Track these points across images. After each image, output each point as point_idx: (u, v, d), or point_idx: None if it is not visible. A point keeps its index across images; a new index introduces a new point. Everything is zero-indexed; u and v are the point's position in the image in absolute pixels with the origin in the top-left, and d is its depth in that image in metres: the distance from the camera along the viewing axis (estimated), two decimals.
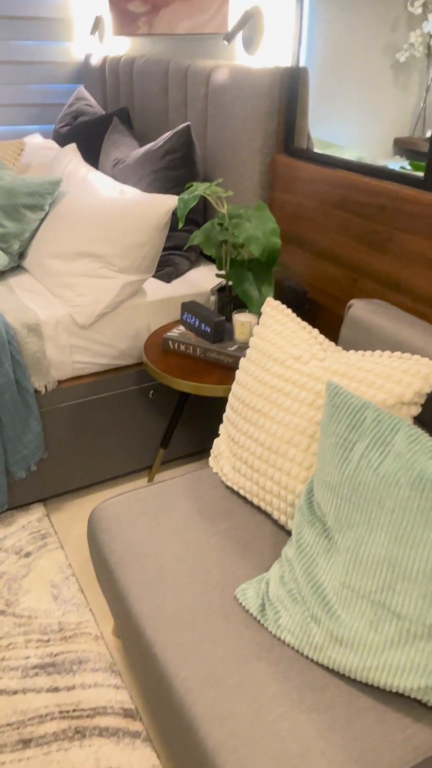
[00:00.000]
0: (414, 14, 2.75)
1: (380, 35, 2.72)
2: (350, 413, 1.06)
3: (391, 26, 2.69)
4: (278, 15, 1.77)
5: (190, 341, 1.58)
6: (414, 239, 1.37)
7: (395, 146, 3.17)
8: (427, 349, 1.21)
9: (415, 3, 2.77)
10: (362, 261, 1.53)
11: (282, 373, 1.25)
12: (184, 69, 2.06)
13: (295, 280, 1.80)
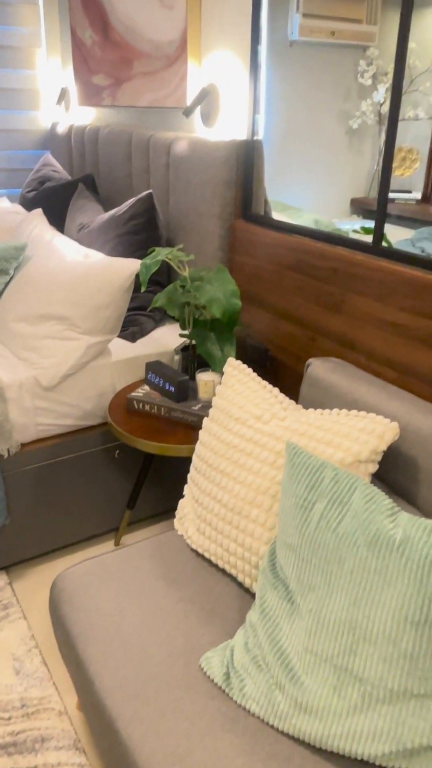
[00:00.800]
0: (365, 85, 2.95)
1: (334, 104, 2.92)
2: (309, 473, 1.09)
3: (343, 96, 2.90)
4: (233, 92, 1.90)
5: (154, 401, 1.61)
6: (365, 301, 1.44)
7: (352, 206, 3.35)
8: (381, 406, 1.26)
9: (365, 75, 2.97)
10: (319, 321, 1.60)
11: (244, 433, 1.28)
12: (147, 139, 2.17)
13: (256, 339, 1.86)
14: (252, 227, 1.81)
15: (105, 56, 2.47)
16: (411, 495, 1.19)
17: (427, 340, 1.30)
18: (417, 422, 1.19)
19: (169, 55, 2.08)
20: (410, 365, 1.35)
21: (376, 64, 3.11)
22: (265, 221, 1.81)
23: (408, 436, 1.20)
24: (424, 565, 0.88)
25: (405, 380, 1.37)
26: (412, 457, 1.18)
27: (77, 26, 2.67)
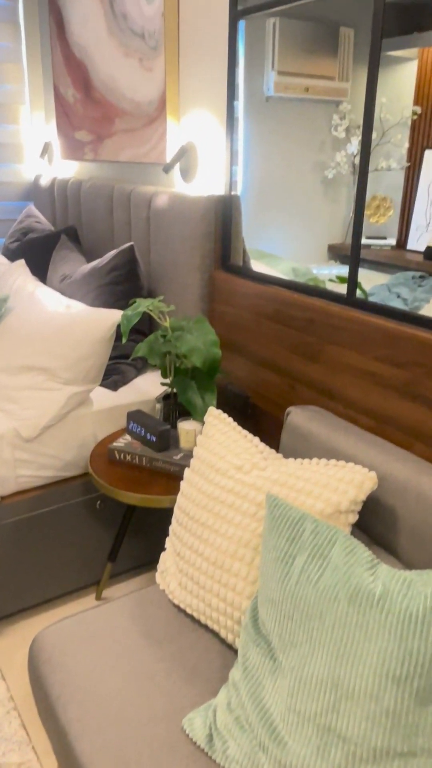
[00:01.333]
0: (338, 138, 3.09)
1: (309, 155, 3.05)
2: (289, 525, 1.10)
3: (318, 148, 3.03)
4: (211, 149, 1.98)
5: (135, 451, 1.61)
6: (342, 351, 1.49)
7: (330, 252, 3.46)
8: (360, 455, 1.29)
9: (338, 128, 3.12)
10: (298, 369, 1.64)
11: (225, 484, 1.29)
12: (128, 193, 2.24)
13: (237, 386, 1.89)
14: (231, 278, 1.86)
15: (87, 113, 2.57)
16: (391, 545, 1.21)
17: (400, 389, 1.34)
18: (394, 471, 1.22)
19: (149, 114, 2.17)
20: (386, 413, 1.39)
21: (348, 118, 3.27)
22: (244, 272, 1.87)
23: (386, 485, 1.22)
24: (403, 619, 0.89)
25: (382, 428, 1.41)
26: (391, 506, 1.20)
27: (60, 84, 2.78)
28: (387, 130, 3.17)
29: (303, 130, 2.96)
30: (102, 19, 2.32)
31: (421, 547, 1.14)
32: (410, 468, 1.21)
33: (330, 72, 3.17)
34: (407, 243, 3.18)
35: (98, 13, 2.34)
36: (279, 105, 2.87)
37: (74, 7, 2.51)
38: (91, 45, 2.43)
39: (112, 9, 2.24)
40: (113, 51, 2.29)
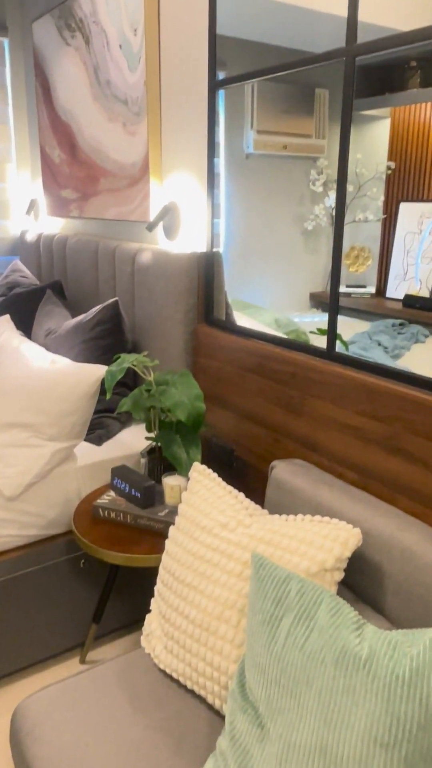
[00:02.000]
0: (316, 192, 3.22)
1: (289, 208, 3.17)
2: (275, 586, 1.10)
3: (297, 201, 3.16)
4: (193, 208, 2.06)
5: (120, 508, 1.61)
6: (324, 404, 1.52)
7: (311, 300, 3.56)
8: (344, 510, 1.30)
9: (316, 183, 3.25)
10: (281, 422, 1.66)
11: (210, 543, 1.30)
12: (112, 249, 2.31)
13: (222, 439, 1.91)
14: (214, 332, 1.91)
15: (72, 173, 2.66)
16: (377, 602, 1.21)
17: (382, 443, 1.37)
18: (379, 526, 1.23)
19: (132, 175, 2.26)
20: (369, 467, 1.41)
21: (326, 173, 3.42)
22: (226, 326, 1.91)
23: (371, 540, 1.23)
24: (389, 683, 0.89)
25: (366, 482, 1.43)
26: (377, 562, 1.21)
27: (46, 145, 2.89)
28: (363, 183, 3.31)
29: (282, 185, 3.10)
30: (87, 86, 2.44)
31: (406, 605, 1.15)
32: (394, 523, 1.22)
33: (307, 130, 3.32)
34: (386, 291, 3.28)
35: (83, 79, 2.46)
36: (259, 161, 3.00)
37: (60, 73, 2.64)
38: (76, 109, 2.55)
39: (97, 76, 2.36)
40: (98, 115, 2.39)
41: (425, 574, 1.12)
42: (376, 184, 3.23)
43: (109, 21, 2.22)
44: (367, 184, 3.25)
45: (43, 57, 2.77)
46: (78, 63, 2.48)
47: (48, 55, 2.71)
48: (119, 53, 2.20)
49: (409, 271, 3.22)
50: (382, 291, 3.29)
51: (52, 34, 2.64)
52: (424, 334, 2.93)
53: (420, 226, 3.15)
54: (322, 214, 3.27)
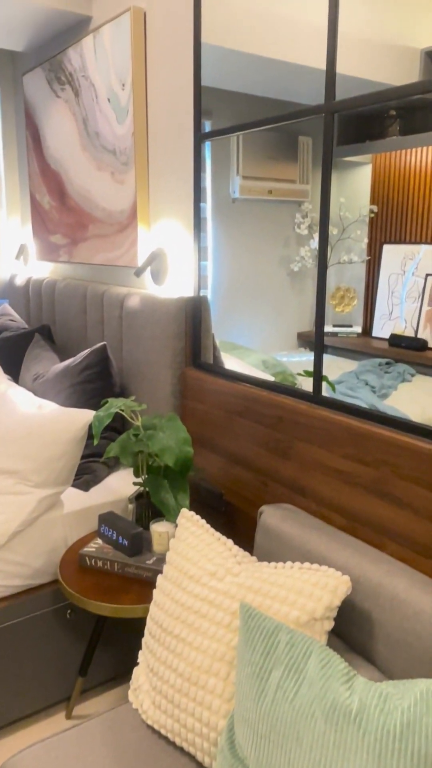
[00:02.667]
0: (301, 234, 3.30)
1: (275, 251, 3.25)
2: (264, 637, 1.10)
3: (283, 244, 3.24)
4: (180, 254, 2.11)
5: (107, 556, 1.60)
6: (311, 448, 1.54)
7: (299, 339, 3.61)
8: (333, 557, 1.30)
9: (301, 226, 3.34)
10: (270, 466, 1.67)
11: (198, 592, 1.29)
12: (101, 293, 2.35)
13: (211, 483, 1.91)
14: (201, 375, 1.93)
15: (62, 219, 2.73)
16: (368, 652, 1.20)
17: (370, 487, 1.38)
18: (368, 573, 1.23)
19: (121, 222, 2.32)
20: (357, 512, 1.42)
21: (310, 217, 3.52)
22: (214, 369, 1.94)
23: (360, 588, 1.23)
24: (380, 737, 0.88)
25: (354, 527, 1.43)
26: (366, 610, 1.21)
27: (36, 192, 2.96)
28: (347, 226, 3.42)
29: (268, 228, 3.18)
30: (76, 136, 2.52)
31: (397, 654, 1.14)
32: (383, 570, 1.23)
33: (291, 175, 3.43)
34: (372, 330, 3.34)
35: (72, 130, 2.54)
36: (245, 206, 3.10)
37: (50, 124, 2.73)
38: (66, 158, 2.62)
39: (86, 127, 2.44)
40: (87, 164, 2.47)
41: (414, 621, 1.12)
42: (359, 226, 3.34)
43: (98, 75, 2.31)
44: (351, 227, 3.35)
45: (33, 108, 2.86)
46: (68, 114, 2.57)
47: (38, 106, 2.81)
48: (108, 106, 2.29)
49: (394, 310, 3.29)
50: (368, 330, 3.36)
51: (42, 87, 2.74)
52: (410, 373, 2.97)
53: (403, 267, 3.23)
54: (307, 255, 3.36)
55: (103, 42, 2.25)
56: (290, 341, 3.56)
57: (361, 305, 3.51)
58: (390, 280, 3.28)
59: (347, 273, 3.50)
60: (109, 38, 2.21)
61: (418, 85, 1.40)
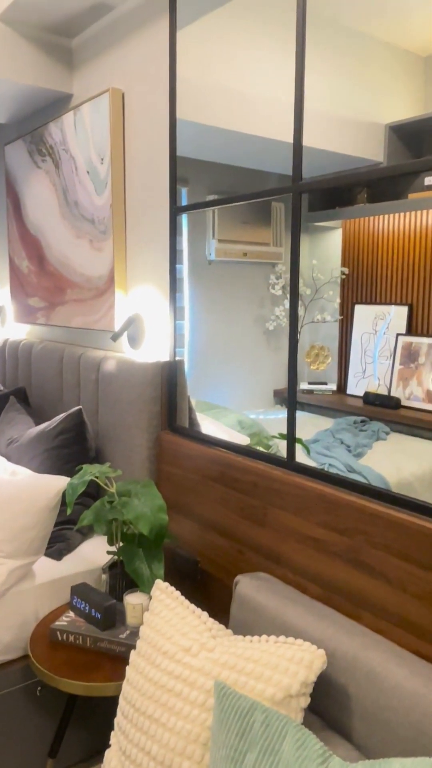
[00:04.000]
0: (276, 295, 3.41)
1: (251, 310, 3.35)
2: (239, 718, 1.08)
3: (258, 304, 3.35)
4: (156, 319, 2.17)
5: (79, 630, 1.57)
6: (286, 515, 1.55)
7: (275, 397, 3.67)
8: (309, 629, 1.30)
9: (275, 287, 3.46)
10: (245, 533, 1.68)
11: (172, 670, 1.27)
12: (78, 357, 2.38)
13: (187, 550, 1.90)
14: (177, 439, 1.95)
15: (40, 283, 2.79)
16: (344, 728, 1.19)
17: (344, 556, 1.40)
18: (343, 646, 1.23)
19: (98, 287, 2.39)
20: (333, 581, 1.43)
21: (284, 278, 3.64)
22: (189, 433, 1.96)
23: (336, 662, 1.23)
24: None
25: (330, 596, 1.44)
26: (343, 685, 1.20)
27: (15, 256, 3.03)
28: (320, 287, 3.55)
29: (244, 289, 3.29)
30: (56, 205, 2.61)
31: (374, 730, 1.13)
32: (359, 642, 1.23)
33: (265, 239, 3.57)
34: (347, 388, 3.42)
35: (52, 198, 2.64)
36: (221, 267, 3.20)
37: (30, 192, 2.83)
38: (45, 225, 2.71)
39: (65, 197, 2.54)
40: (66, 232, 2.55)
41: (389, 696, 1.12)
42: (332, 287, 3.47)
43: (78, 149, 2.42)
44: (324, 287, 3.48)
45: (14, 177, 2.97)
46: (48, 184, 2.67)
47: (19, 175, 2.91)
48: (87, 178, 2.39)
49: (367, 368, 3.38)
50: (342, 388, 3.44)
51: (23, 157, 2.85)
52: (384, 432, 3.03)
53: (375, 327, 3.35)
54: (282, 315, 3.46)
55: (83, 118, 2.37)
56: (267, 399, 3.62)
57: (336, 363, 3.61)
58: (362, 339, 3.38)
59: (321, 332, 3.61)
60: (89, 115, 2.33)
61: (374, 171, 1.51)
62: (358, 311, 3.41)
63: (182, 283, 3.13)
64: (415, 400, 3.06)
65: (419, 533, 1.23)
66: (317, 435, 3.01)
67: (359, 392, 3.28)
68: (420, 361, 3.14)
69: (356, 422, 3.13)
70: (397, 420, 3.03)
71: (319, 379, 3.68)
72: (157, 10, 2.03)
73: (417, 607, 1.24)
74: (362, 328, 3.41)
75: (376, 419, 3.08)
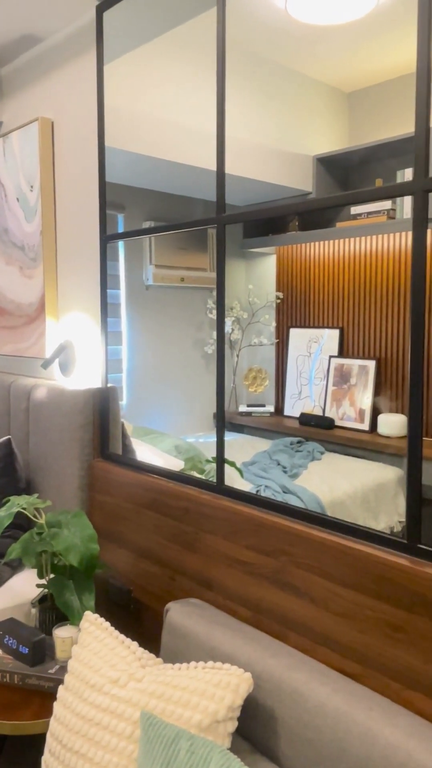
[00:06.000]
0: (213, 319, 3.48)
1: (189, 334, 3.40)
2: (164, 747, 1.09)
3: (196, 327, 3.40)
4: (88, 346, 2.18)
5: (6, 667, 1.53)
6: (216, 539, 1.58)
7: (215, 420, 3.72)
8: (237, 653, 1.33)
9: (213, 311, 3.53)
10: (177, 559, 1.69)
11: (100, 702, 1.26)
12: (8, 385, 2.35)
13: (120, 579, 1.89)
14: (109, 466, 1.95)
15: None
16: (271, 750, 1.21)
17: (271, 578, 1.43)
18: (270, 668, 1.26)
19: (29, 314, 2.37)
20: (261, 603, 1.46)
21: None
22: (122, 460, 1.97)
23: (263, 684, 1.25)
24: None
25: (258, 618, 1.47)
26: (269, 707, 1.23)
27: None
28: (256, 311, 3.64)
29: (182, 313, 3.34)
30: None
31: (299, 751, 1.16)
32: (284, 663, 1.26)
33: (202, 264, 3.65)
34: (284, 409, 3.51)
35: None
36: (159, 292, 3.25)
37: None
38: None
39: None
40: None
41: (314, 715, 1.15)
42: (267, 311, 3.58)
43: (7, 177, 2.42)
44: (260, 311, 3.58)
45: None
46: None
47: None
48: (17, 205, 2.39)
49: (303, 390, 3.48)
50: (280, 409, 3.52)
51: None
52: (320, 452, 3.13)
53: (309, 350, 3.47)
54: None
55: (12, 146, 2.38)
56: (207, 422, 3.67)
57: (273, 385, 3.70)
58: (298, 362, 3.49)
59: (259, 354, 3.71)
60: (18, 143, 2.34)
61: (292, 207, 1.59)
62: (293, 334, 3.52)
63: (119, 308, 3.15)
64: (347, 420, 3.18)
65: (339, 552, 1.28)
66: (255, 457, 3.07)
67: (296, 413, 3.38)
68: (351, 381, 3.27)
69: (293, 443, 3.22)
70: (332, 440, 3.13)
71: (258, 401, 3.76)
72: (85, 43, 2.08)
73: (339, 625, 1.29)
74: (297, 350, 3.52)
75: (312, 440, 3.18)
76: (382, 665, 1.21)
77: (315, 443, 3.12)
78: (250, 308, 3.67)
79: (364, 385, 3.16)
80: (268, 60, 2.86)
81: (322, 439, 3.15)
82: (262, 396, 3.84)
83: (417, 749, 1.03)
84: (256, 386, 3.85)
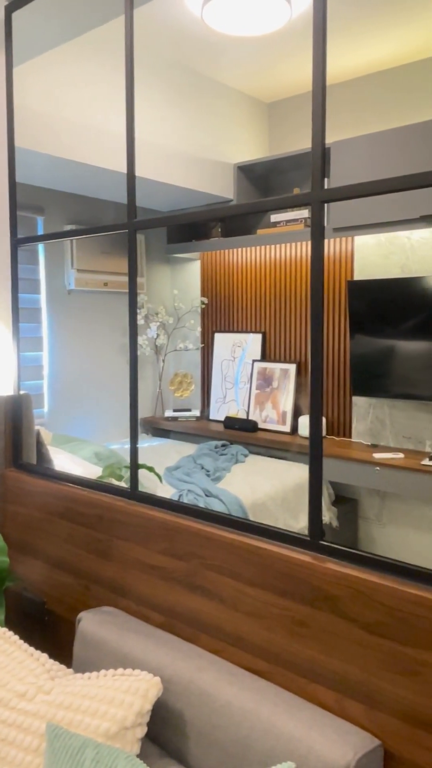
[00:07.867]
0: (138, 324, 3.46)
1: (113, 340, 3.37)
2: (70, 757, 1.08)
3: (121, 332, 3.38)
4: None
5: None
6: (130, 546, 1.58)
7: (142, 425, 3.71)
8: (148, 658, 1.33)
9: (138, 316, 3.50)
10: (91, 568, 1.68)
11: (6, 718, 1.23)
12: None
13: (32, 591, 1.85)
14: (22, 476, 1.91)
15: None
16: (182, 753, 1.23)
17: (183, 581, 1.45)
18: (180, 671, 1.28)
19: None
20: (173, 607, 1.47)
21: (146, 307, 3.71)
22: (36, 470, 1.93)
23: (173, 687, 1.27)
24: None
25: (171, 622, 1.48)
26: (178, 710, 1.24)
27: None
28: (181, 316, 3.66)
29: (106, 318, 3.31)
30: None
31: (207, 752, 1.18)
32: (194, 665, 1.28)
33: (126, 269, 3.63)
34: (210, 413, 3.54)
35: None
36: (81, 297, 3.21)
37: None
38: None
39: None
40: None
41: (221, 715, 1.17)
42: (193, 316, 3.61)
43: None
44: (186, 316, 3.61)
45: None
46: None
47: None
48: None
49: (227, 394, 3.54)
50: (206, 414, 3.56)
51: None
52: (243, 454, 3.18)
53: (233, 354, 3.52)
54: (145, 344, 3.53)
55: None
56: None
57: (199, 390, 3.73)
58: (222, 366, 3.54)
59: (184, 359, 3.73)
60: None
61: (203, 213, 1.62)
62: (217, 339, 3.57)
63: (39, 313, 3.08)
64: (270, 423, 3.26)
65: (247, 552, 1.31)
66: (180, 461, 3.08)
67: (221, 417, 3.43)
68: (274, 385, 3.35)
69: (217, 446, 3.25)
70: (255, 442, 3.20)
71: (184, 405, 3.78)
72: None
73: (248, 624, 1.32)
74: (222, 355, 3.57)
75: (237, 443, 3.23)
76: (288, 661, 1.25)
77: (239, 446, 3.17)
78: (175, 313, 3.69)
79: (285, 389, 3.25)
80: (189, 69, 2.90)
81: (246, 441, 3.21)
82: (189, 401, 3.87)
83: (318, 740, 1.07)
84: (182, 391, 3.87)
